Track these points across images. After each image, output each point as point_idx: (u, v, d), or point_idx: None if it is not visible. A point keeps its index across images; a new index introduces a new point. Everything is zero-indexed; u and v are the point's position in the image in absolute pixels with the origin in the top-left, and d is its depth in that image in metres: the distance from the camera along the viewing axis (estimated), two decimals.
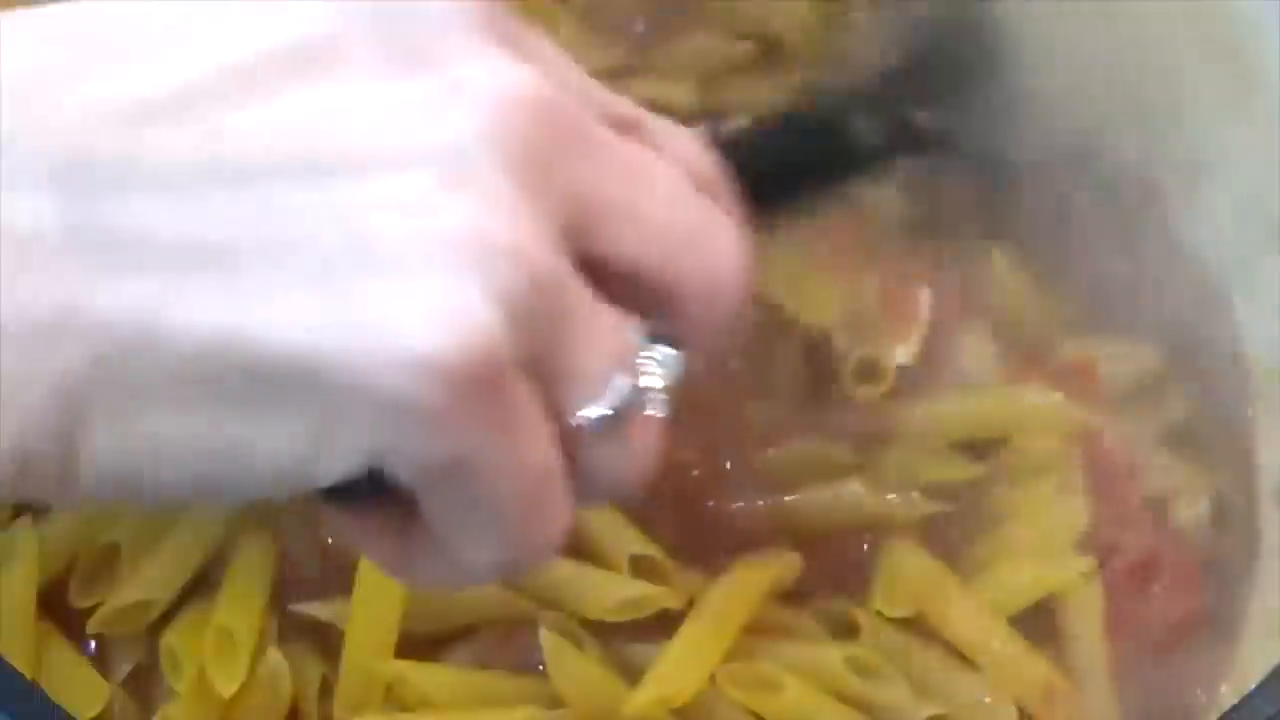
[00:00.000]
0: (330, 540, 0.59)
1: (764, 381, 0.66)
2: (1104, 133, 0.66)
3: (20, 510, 0.57)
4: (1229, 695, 0.60)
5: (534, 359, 0.34)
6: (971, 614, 0.61)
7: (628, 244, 0.37)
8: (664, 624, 0.59)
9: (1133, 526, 0.65)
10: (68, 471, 0.34)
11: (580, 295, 0.35)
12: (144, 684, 0.57)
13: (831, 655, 0.58)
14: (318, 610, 0.58)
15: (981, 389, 0.66)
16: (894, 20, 0.68)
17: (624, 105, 0.40)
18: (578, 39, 0.68)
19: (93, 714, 0.55)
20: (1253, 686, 0.50)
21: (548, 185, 0.35)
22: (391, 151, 0.33)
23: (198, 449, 0.33)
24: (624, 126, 0.39)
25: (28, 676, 0.48)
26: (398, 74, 0.34)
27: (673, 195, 0.38)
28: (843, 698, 0.58)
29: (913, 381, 0.66)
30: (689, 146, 0.41)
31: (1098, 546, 0.64)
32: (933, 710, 0.58)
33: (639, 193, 0.37)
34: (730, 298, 0.39)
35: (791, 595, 0.61)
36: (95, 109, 0.33)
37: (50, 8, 0.35)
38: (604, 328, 0.36)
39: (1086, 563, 0.62)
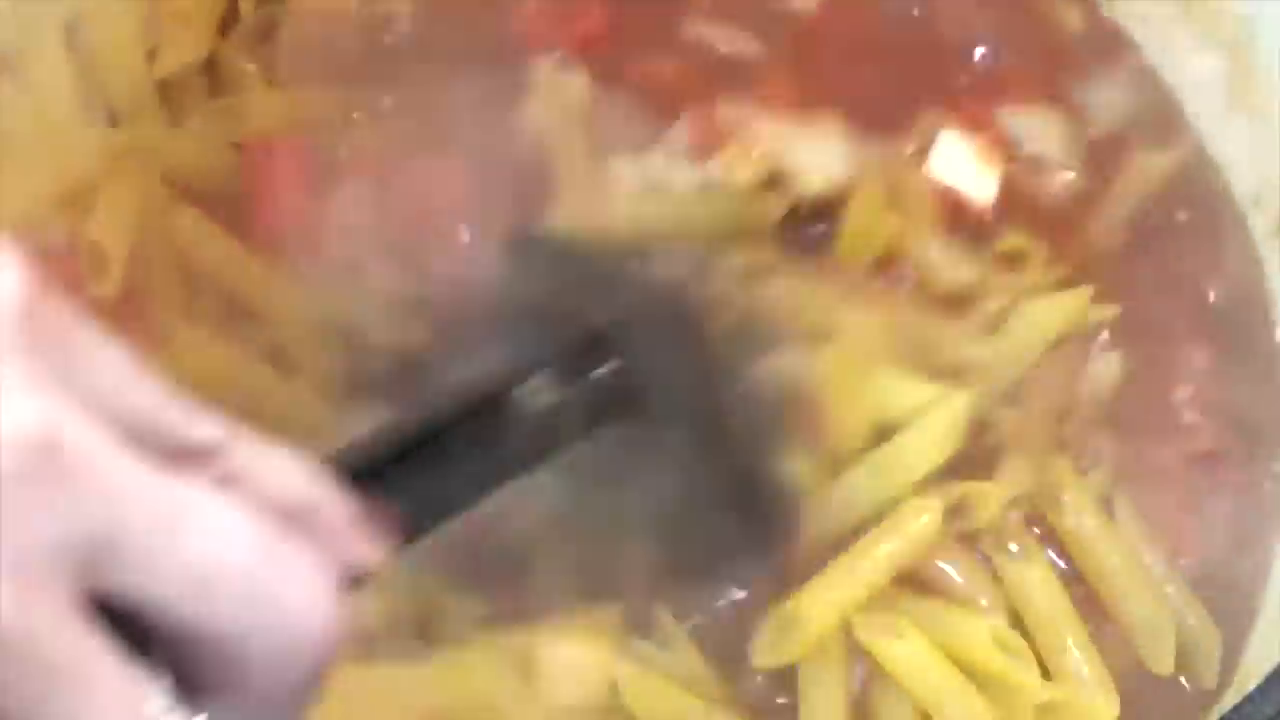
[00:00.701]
0: None
1: None
2: None
3: None
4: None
5: None
6: None
7: (147, 592, 0.33)
8: None
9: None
10: None
11: (70, 654, 0.32)
12: None
13: (979, 626, 0.60)
14: None
15: None
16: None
17: (197, 427, 0.36)
18: None
19: None
20: (1253, 687, 0.50)
21: (39, 529, 0.32)
22: None
23: None
24: (190, 455, 0.35)
25: None
26: None
27: (220, 540, 0.34)
28: (963, 663, 0.59)
29: None
30: (283, 474, 0.37)
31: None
32: (1050, 695, 0.59)
33: (166, 536, 0.33)
34: (295, 659, 0.35)
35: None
36: None
37: None
38: (107, 696, 0.32)
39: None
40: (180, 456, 0.35)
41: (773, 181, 0.66)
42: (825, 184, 0.67)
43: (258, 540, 0.34)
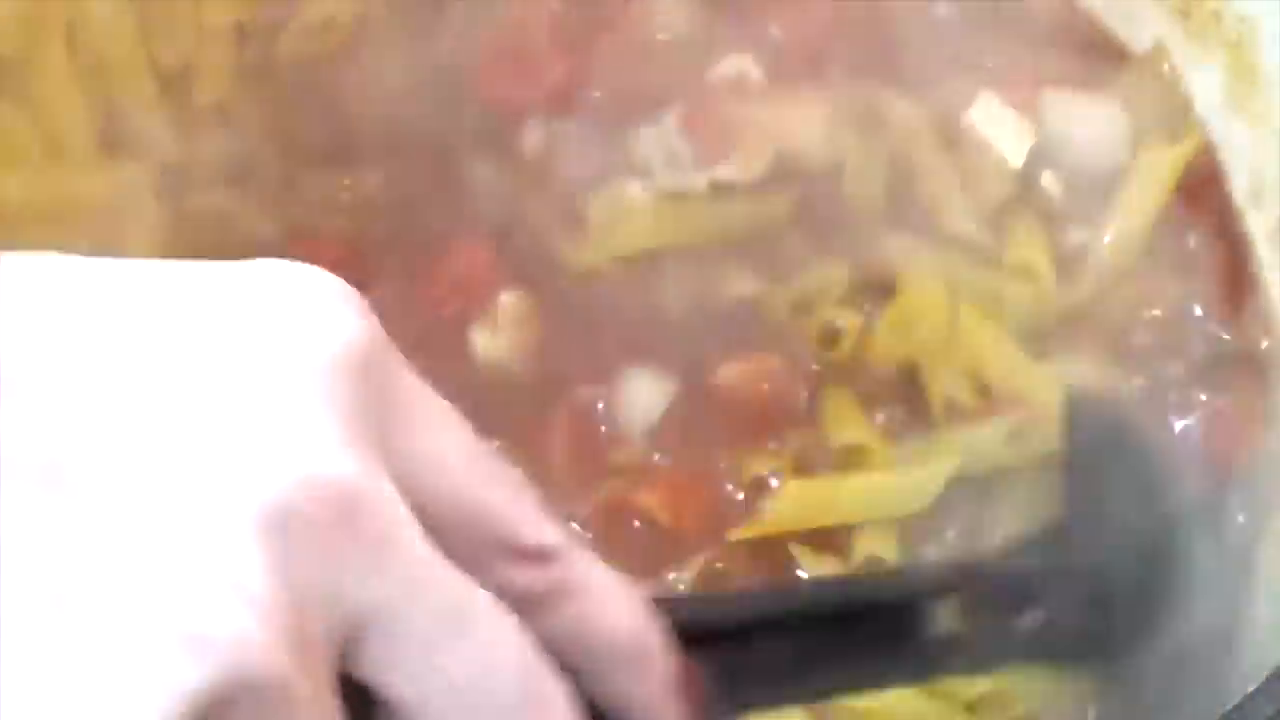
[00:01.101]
0: None
1: None
2: None
3: None
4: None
5: None
6: None
7: (403, 688, 0.31)
8: None
9: None
10: None
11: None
12: None
13: None
14: None
15: None
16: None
17: (532, 530, 0.34)
18: None
19: None
20: (1253, 687, 0.49)
21: (320, 585, 0.30)
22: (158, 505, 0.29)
23: None
24: (523, 556, 0.34)
25: None
26: (209, 431, 0.30)
27: (499, 660, 0.32)
28: None
29: None
30: (608, 602, 0.35)
31: None
32: (986, 687, 0.58)
33: (446, 636, 0.31)
34: None
35: None
36: None
37: None
38: None
39: None
40: (505, 553, 0.33)
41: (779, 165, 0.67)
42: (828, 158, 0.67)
43: (543, 679, 0.32)
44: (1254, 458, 0.64)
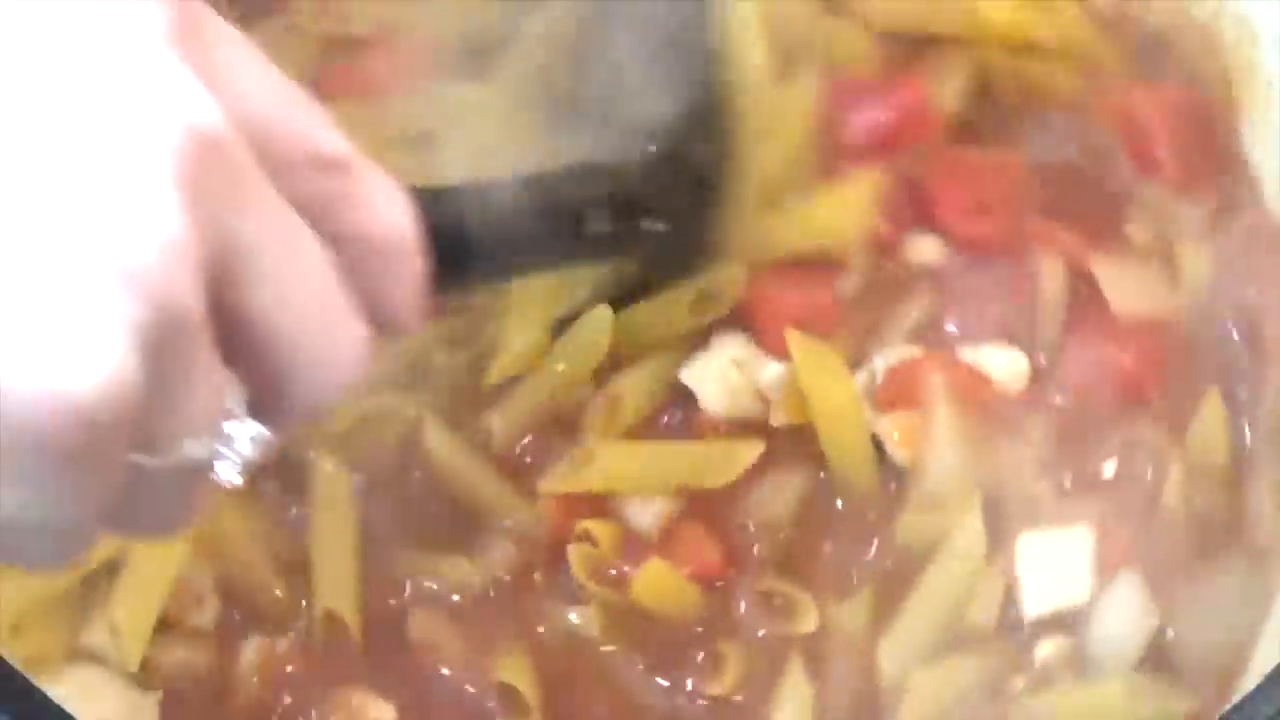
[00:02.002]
0: None
1: None
2: None
3: None
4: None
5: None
6: None
7: (260, 306, 0.36)
8: None
9: None
10: None
11: (198, 347, 0.34)
12: None
13: None
14: None
15: None
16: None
17: (328, 140, 0.39)
18: None
19: None
20: (1253, 687, 0.50)
21: (202, 228, 0.34)
22: (59, 161, 0.32)
23: None
24: (322, 165, 0.38)
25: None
26: (78, 93, 0.33)
27: (316, 275, 0.37)
28: None
29: None
30: (386, 202, 0.40)
31: None
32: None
33: (287, 260, 0.36)
34: (327, 388, 0.38)
35: None
36: None
37: None
38: (206, 388, 0.35)
39: None
40: (316, 166, 0.38)
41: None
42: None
43: (335, 285, 0.38)
44: None
